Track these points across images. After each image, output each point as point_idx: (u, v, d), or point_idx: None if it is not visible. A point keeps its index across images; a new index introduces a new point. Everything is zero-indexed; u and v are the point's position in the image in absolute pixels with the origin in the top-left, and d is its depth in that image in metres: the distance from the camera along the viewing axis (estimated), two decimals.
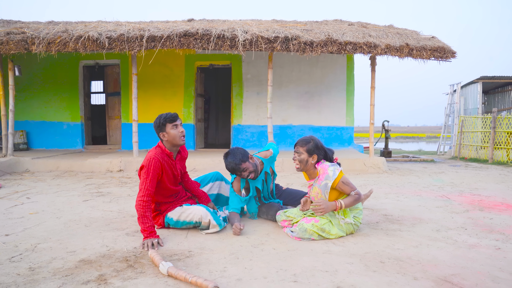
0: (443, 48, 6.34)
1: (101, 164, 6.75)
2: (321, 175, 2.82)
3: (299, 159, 2.89)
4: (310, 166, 2.89)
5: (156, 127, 2.86)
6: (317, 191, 2.84)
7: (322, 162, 2.88)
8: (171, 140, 2.84)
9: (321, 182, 2.79)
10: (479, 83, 12.50)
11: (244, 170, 3.03)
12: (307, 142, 2.89)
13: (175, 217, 2.91)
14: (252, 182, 3.25)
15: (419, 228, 3.09)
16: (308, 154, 2.87)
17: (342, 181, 2.77)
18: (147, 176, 2.73)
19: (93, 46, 6.05)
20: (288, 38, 6.15)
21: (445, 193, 4.78)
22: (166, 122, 2.83)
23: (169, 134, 2.83)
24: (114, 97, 9.38)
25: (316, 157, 2.87)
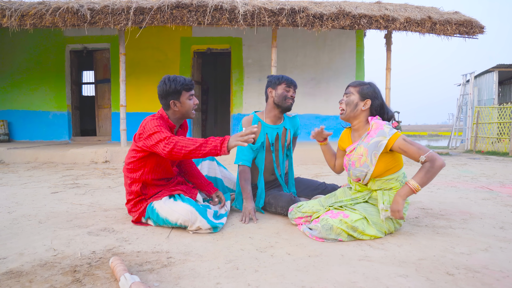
0: (470, 22, 5.60)
1: (85, 155, 6.03)
2: (373, 130, 2.09)
3: (347, 101, 2.18)
4: (359, 113, 2.17)
5: (166, 93, 2.26)
6: (362, 152, 2.09)
7: (377, 117, 2.17)
8: (184, 112, 2.32)
9: (371, 140, 2.06)
10: (495, 72, 11.75)
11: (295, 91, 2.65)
12: (362, 83, 2.21)
13: (163, 212, 2.19)
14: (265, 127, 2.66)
15: (474, 225, 2.36)
16: (360, 96, 2.16)
17: (404, 139, 2.01)
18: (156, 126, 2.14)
19: (74, 20, 5.31)
20: (295, 10, 5.41)
21: (484, 184, 4.05)
22: (182, 89, 2.27)
23: (183, 104, 2.30)
24: (104, 84, 8.65)
25: (369, 103, 2.16)
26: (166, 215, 2.17)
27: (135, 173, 2.28)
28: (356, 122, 2.21)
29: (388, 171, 2.10)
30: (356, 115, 2.18)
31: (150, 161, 2.28)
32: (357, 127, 2.22)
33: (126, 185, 2.35)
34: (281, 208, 2.47)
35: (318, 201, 2.32)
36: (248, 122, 2.65)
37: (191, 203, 2.19)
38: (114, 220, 2.43)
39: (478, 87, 12.71)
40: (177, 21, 5.41)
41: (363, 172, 2.11)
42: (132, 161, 2.29)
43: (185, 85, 2.28)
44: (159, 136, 2.12)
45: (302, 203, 2.35)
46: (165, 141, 2.09)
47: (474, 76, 12.36)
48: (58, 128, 8.41)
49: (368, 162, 2.07)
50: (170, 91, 2.25)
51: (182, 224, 2.13)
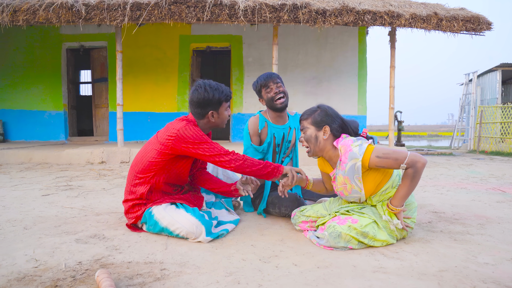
0: (477, 18, 5.43)
1: (81, 155, 5.85)
2: (343, 155, 1.91)
3: (306, 138, 2.01)
4: (324, 144, 1.99)
5: (207, 102, 2.09)
6: (343, 180, 1.93)
7: (343, 138, 1.98)
8: (220, 123, 2.19)
9: (345, 166, 1.89)
10: (498, 71, 11.58)
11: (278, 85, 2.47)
12: (312, 112, 2.02)
13: (163, 221, 1.99)
14: (272, 128, 2.51)
15: (493, 231, 2.19)
16: (315, 126, 1.98)
17: (376, 155, 1.84)
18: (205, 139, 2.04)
19: (68, 16, 5.14)
20: (297, 5, 5.24)
21: (495, 185, 3.88)
22: (224, 100, 2.13)
23: (221, 115, 2.16)
24: (101, 83, 8.47)
25: (328, 130, 1.97)
26: (167, 225, 1.99)
27: (147, 173, 2.09)
28: (325, 153, 2.02)
29: (380, 184, 1.94)
30: (321, 147, 2.00)
31: (169, 165, 2.10)
32: (328, 157, 2.04)
33: (130, 184, 2.14)
34: (285, 208, 2.31)
35: (323, 205, 2.16)
36: (254, 123, 2.51)
37: (195, 215, 1.99)
38: (106, 226, 2.26)
39: (481, 86, 12.54)
40: (175, 17, 5.24)
41: (355, 197, 1.97)
42: (152, 161, 2.08)
43: (228, 96, 2.14)
44: (216, 148, 2.03)
45: (306, 207, 2.19)
46: (230, 156, 2.03)
47: (477, 75, 12.19)
48: (54, 128, 8.23)
49: (355, 188, 1.92)
50: (212, 101, 2.08)
51: (184, 236, 1.96)
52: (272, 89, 2.46)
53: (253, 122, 2.50)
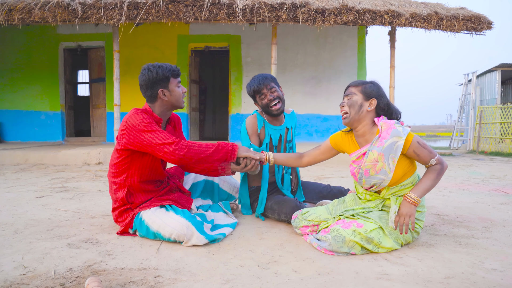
0: (478, 18, 5.38)
1: (77, 156, 5.78)
2: (385, 131, 1.82)
3: (349, 102, 1.91)
4: (365, 116, 1.91)
5: (153, 81, 2.01)
6: (376, 157, 1.81)
7: (383, 118, 1.91)
8: (174, 101, 2.08)
9: (385, 142, 1.79)
10: (497, 71, 11.54)
11: (272, 90, 2.34)
12: (364, 82, 1.96)
13: (153, 225, 1.92)
14: (269, 128, 2.43)
15: (499, 234, 2.13)
16: (363, 95, 1.90)
17: (417, 140, 1.83)
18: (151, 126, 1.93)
19: (64, 15, 5.06)
20: (296, 4, 5.18)
21: (497, 186, 3.82)
22: (170, 75, 2.04)
23: (172, 92, 2.05)
24: (98, 83, 8.40)
25: (375, 103, 1.90)
26: (157, 229, 1.91)
27: (120, 177, 2.03)
28: (361, 126, 1.94)
29: (405, 175, 1.89)
30: (361, 117, 1.91)
31: (135, 161, 2.02)
32: (362, 132, 1.95)
33: (111, 192, 2.09)
34: (285, 215, 2.22)
35: (326, 208, 2.09)
36: (252, 123, 2.43)
37: (185, 216, 1.92)
38: (100, 229, 2.19)
39: (480, 86, 12.50)
40: (173, 17, 5.17)
41: (380, 179, 1.86)
42: (115, 162, 2.03)
43: (173, 70, 2.05)
44: (159, 137, 1.91)
45: (308, 210, 2.11)
46: (174, 145, 1.90)
47: (476, 75, 12.15)
48: (51, 129, 8.15)
49: (385, 168, 1.82)
50: (157, 79, 2.00)
51: (176, 240, 1.89)
52: (266, 95, 2.36)
53: (252, 122, 2.43)
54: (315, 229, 2.00)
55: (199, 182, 2.51)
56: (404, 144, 1.80)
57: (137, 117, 1.94)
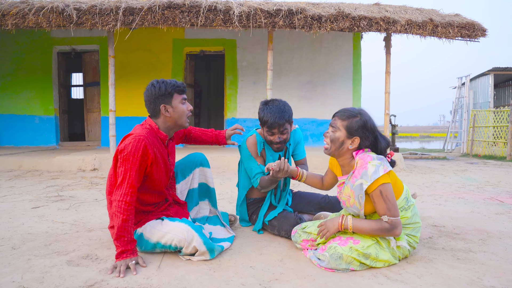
0: (472, 25, 5.43)
1: (72, 162, 5.73)
2: (357, 169, 1.83)
3: (332, 137, 1.90)
4: (344, 151, 1.91)
5: (155, 96, 1.98)
6: (349, 193, 1.87)
7: (365, 152, 1.90)
8: (177, 118, 2.03)
9: (356, 181, 1.82)
10: (490, 75, 11.66)
11: (284, 132, 2.26)
12: (351, 116, 1.88)
13: (153, 237, 1.93)
14: (269, 151, 2.41)
15: (496, 247, 2.15)
16: (347, 133, 1.88)
17: (380, 191, 1.76)
18: (132, 163, 1.84)
19: (59, 20, 5.03)
20: (292, 11, 5.19)
21: (491, 194, 3.86)
22: (174, 91, 2.00)
23: (175, 109, 2.01)
24: (93, 87, 8.34)
25: (357, 142, 1.88)
26: (157, 239, 1.92)
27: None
28: (341, 159, 1.95)
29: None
30: (342, 153, 1.92)
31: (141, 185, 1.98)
32: (342, 164, 1.98)
33: (109, 209, 2.03)
34: (286, 232, 2.23)
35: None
36: (254, 145, 2.40)
37: (184, 221, 1.94)
38: (99, 244, 2.17)
39: (473, 90, 12.63)
40: (168, 22, 5.16)
41: (355, 212, 1.92)
42: (113, 183, 1.97)
43: (177, 86, 2.01)
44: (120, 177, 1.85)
45: (307, 224, 2.12)
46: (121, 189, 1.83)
47: (469, 79, 12.27)
48: (45, 133, 8.08)
49: (356, 205, 1.86)
50: (159, 94, 1.97)
51: (176, 246, 1.88)
52: (275, 134, 2.29)
53: (252, 144, 2.40)
54: (314, 243, 2.01)
55: (194, 189, 2.48)
56: (367, 188, 1.79)
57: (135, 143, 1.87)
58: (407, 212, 1.92)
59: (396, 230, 1.78)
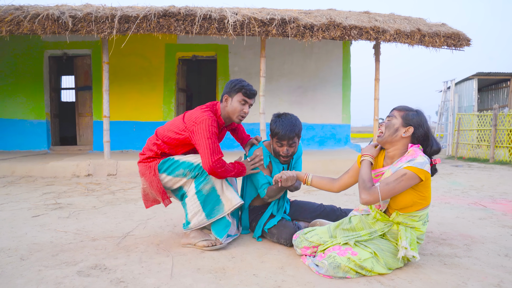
0: (458, 35, 5.65)
1: (66, 168, 5.76)
2: (405, 157, 1.94)
3: (387, 124, 2.03)
4: (397, 140, 2.00)
5: (228, 88, 2.42)
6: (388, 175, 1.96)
7: (419, 147, 1.99)
8: (230, 111, 2.41)
9: (400, 164, 1.91)
10: (474, 80, 12.01)
11: (292, 145, 2.42)
12: (409, 109, 2.05)
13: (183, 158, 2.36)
14: (274, 163, 2.55)
15: (479, 253, 2.31)
16: (403, 121, 2.00)
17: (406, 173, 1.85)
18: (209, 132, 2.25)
19: (54, 27, 5.07)
20: (285, 20, 5.33)
21: (475, 199, 4.05)
22: (239, 91, 2.37)
23: (233, 103, 2.39)
24: (85, 92, 8.35)
25: (411, 131, 1.99)
26: (187, 159, 2.32)
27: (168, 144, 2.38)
28: (393, 148, 2.04)
29: (415, 205, 1.95)
30: (394, 140, 2.01)
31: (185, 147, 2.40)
32: (392, 154, 2.05)
33: (151, 142, 2.42)
34: (285, 240, 2.35)
35: (328, 229, 2.18)
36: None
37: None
38: (105, 254, 2.26)
39: (458, 94, 12.98)
40: (164, 30, 5.24)
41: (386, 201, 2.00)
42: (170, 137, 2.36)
43: (244, 88, 2.36)
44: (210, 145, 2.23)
45: (310, 230, 2.22)
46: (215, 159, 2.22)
47: (455, 83, 12.61)
48: (36, 137, 8.06)
49: None
50: (231, 87, 2.37)
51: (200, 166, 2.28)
52: (284, 147, 2.42)
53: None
54: (314, 251, 2.13)
55: None
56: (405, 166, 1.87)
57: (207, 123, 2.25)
58: (424, 227, 2.02)
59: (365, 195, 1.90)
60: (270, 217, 2.54)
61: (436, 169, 2.07)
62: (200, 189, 2.30)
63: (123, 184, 5.04)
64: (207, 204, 2.31)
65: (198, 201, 2.31)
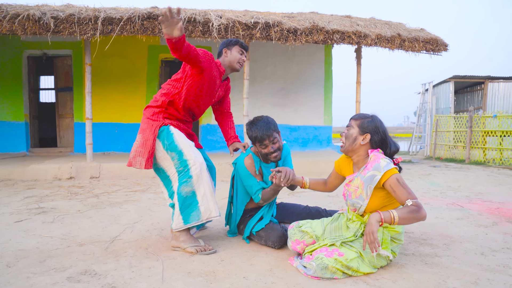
0: (436, 40, 5.85)
1: (47, 171, 5.66)
2: (370, 163, 2.08)
3: (346, 134, 2.19)
4: (358, 147, 2.16)
5: (225, 44, 2.67)
6: (359, 184, 2.09)
7: (378, 151, 2.14)
8: (231, 60, 2.65)
9: (367, 172, 2.05)
10: (451, 82, 12.39)
11: (274, 141, 2.47)
12: (364, 117, 2.18)
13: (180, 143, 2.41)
14: (264, 168, 2.59)
15: (457, 252, 2.43)
16: (360, 130, 2.14)
17: (397, 179, 1.96)
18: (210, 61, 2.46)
19: (35, 28, 4.98)
20: (269, 24, 5.39)
21: (453, 200, 4.21)
22: (237, 44, 2.66)
23: (232, 54, 2.66)
24: (65, 93, 8.20)
25: (368, 138, 2.13)
26: (182, 148, 2.39)
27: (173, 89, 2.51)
28: (356, 155, 2.20)
29: (384, 207, 2.09)
30: (355, 149, 2.17)
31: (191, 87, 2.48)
32: (356, 161, 2.22)
33: (158, 94, 2.58)
34: (273, 242, 2.41)
35: (321, 222, 2.28)
36: (252, 165, 2.57)
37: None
38: (94, 259, 2.26)
39: (436, 96, 13.36)
40: (148, 33, 5.22)
41: (358, 204, 2.11)
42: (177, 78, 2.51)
43: (239, 41, 2.66)
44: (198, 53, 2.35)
45: (304, 223, 2.31)
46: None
47: (432, 85, 12.99)
48: (15, 139, 7.85)
49: (363, 195, 2.07)
50: (227, 42, 2.64)
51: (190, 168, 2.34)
52: (267, 146, 2.48)
53: (250, 164, 2.55)
54: (303, 248, 2.21)
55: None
56: (381, 178, 2.02)
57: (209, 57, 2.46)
58: (399, 227, 2.13)
59: (422, 210, 1.87)
60: (258, 220, 2.59)
61: (400, 168, 2.17)
62: (180, 190, 2.36)
63: (107, 187, 5.00)
64: (184, 208, 2.36)
65: (178, 202, 2.36)
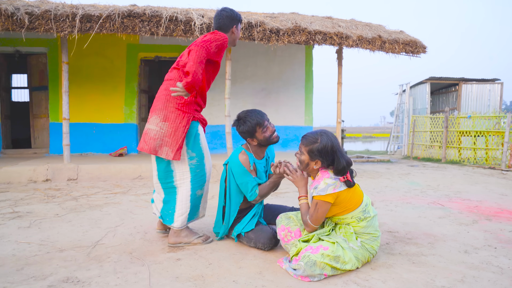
0: (415, 42, 5.97)
1: (21, 173, 5.43)
2: (315, 181, 2.18)
3: (299, 159, 2.26)
4: (311, 170, 2.24)
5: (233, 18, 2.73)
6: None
7: (328, 169, 2.19)
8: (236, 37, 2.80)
9: (312, 189, 2.18)
10: (427, 84, 12.71)
11: (269, 120, 2.55)
12: (313, 142, 2.16)
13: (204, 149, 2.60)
14: (257, 164, 2.59)
15: (442, 250, 2.47)
16: (309, 157, 2.18)
17: (317, 203, 2.11)
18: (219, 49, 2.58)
19: (8, 24, 4.76)
20: (252, 24, 5.36)
21: (433, 198, 4.30)
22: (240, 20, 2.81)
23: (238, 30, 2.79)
24: (40, 92, 7.90)
25: (319, 164, 2.18)
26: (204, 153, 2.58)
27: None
28: (312, 175, 2.27)
29: (339, 214, 2.19)
30: (310, 171, 2.26)
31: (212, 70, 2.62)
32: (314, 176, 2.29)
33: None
34: (263, 244, 2.38)
35: None
36: (247, 161, 2.52)
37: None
38: (76, 265, 2.17)
39: (413, 96, 13.67)
40: (128, 31, 5.09)
41: None
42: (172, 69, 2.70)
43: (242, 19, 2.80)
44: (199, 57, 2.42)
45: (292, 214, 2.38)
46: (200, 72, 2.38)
47: (409, 86, 13.30)
48: None
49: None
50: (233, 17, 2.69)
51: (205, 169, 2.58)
52: (268, 128, 2.52)
53: (246, 159, 2.50)
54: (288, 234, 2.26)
55: None
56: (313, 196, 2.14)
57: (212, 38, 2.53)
58: (361, 222, 2.18)
59: (307, 227, 2.20)
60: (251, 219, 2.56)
61: (352, 182, 2.15)
62: (195, 193, 2.52)
63: (85, 189, 4.84)
64: (192, 208, 2.53)
65: (190, 203, 2.50)
